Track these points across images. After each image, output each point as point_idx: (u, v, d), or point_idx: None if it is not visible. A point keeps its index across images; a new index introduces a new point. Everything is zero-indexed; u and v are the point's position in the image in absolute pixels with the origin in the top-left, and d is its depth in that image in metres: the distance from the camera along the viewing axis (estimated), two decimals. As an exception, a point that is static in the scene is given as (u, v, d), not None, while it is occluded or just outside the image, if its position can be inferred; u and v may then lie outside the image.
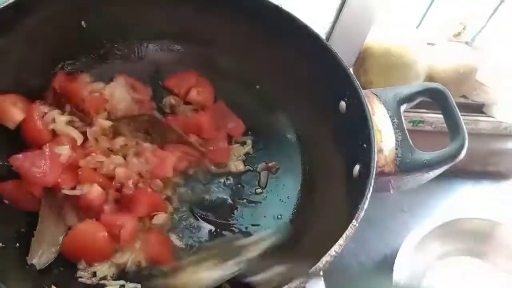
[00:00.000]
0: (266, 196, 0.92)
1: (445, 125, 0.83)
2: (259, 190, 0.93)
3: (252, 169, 0.96)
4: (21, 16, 0.78)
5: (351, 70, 1.28)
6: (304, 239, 0.81)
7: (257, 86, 1.01)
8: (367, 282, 1.17)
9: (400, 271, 1.05)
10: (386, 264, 1.11)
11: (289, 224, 0.88)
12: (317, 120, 0.92)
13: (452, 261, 1.20)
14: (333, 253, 0.61)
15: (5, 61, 0.80)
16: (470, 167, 1.49)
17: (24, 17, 0.78)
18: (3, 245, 0.72)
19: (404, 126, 0.81)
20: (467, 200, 1.43)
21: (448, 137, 0.81)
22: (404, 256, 1.08)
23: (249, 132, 1.00)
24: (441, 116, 0.84)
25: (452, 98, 0.81)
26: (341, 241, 0.62)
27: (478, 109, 1.46)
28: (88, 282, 0.76)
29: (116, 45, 0.96)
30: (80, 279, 0.76)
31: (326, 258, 0.60)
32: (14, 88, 0.82)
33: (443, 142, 0.83)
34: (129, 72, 0.96)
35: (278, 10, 0.88)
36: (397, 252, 1.09)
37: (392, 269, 1.05)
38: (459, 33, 1.39)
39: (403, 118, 0.82)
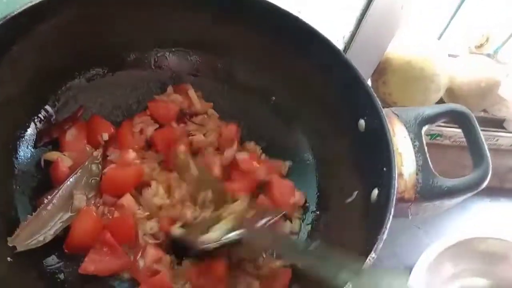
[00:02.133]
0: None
1: (463, 139, 0.80)
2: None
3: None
4: (35, 22, 0.76)
5: (369, 81, 1.26)
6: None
7: (273, 98, 0.99)
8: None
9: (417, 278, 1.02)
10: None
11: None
12: (334, 138, 0.89)
13: (466, 283, 1.17)
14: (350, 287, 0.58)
15: (17, 68, 0.78)
16: (487, 184, 1.45)
17: (38, 24, 0.76)
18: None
19: (426, 149, 0.78)
20: (483, 217, 1.40)
21: (467, 152, 0.78)
22: (418, 275, 1.05)
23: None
24: (459, 130, 0.81)
25: (476, 123, 0.78)
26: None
27: (499, 124, 1.42)
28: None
29: (131, 54, 0.94)
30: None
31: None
32: (24, 96, 0.81)
33: (461, 156, 0.80)
34: (145, 81, 0.95)
35: (297, 21, 0.85)
36: (410, 270, 1.05)
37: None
38: (482, 45, 1.35)
39: (424, 141, 0.79)
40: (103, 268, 0.77)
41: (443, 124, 1.34)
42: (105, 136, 0.89)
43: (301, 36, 0.86)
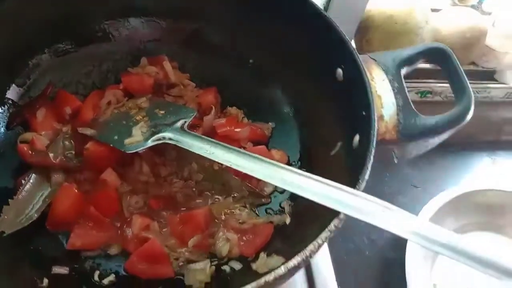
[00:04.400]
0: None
1: None
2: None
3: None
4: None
5: (352, 41, 1.24)
6: (304, 218, 0.77)
7: (251, 61, 0.97)
8: (379, 261, 1.13)
9: (413, 249, 1.00)
10: (399, 241, 1.07)
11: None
12: (313, 90, 0.87)
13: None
14: (333, 227, 0.57)
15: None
16: (483, 137, 1.43)
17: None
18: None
19: (406, 90, 0.76)
20: (481, 171, 1.37)
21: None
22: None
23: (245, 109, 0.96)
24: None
25: (455, 57, 0.76)
26: (341, 215, 0.57)
27: (489, 76, 1.39)
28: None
29: (99, 25, 0.93)
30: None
31: (325, 234, 0.56)
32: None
33: None
34: (116, 53, 0.93)
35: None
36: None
37: (405, 247, 1.00)
38: (465, -4, 1.32)
39: (404, 82, 0.77)
40: (90, 242, 0.76)
41: (432, 80, 1.32)
42: (68, 110, 0.87)
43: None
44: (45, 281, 0.70)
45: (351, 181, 0.65)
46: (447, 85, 1.17)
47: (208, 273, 0.75)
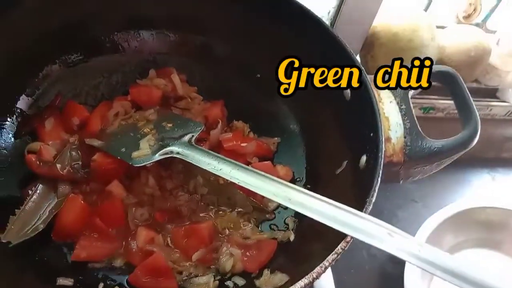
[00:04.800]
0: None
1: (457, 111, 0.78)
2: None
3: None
4: (6, 7, 0.75)
5: (358, 57, 1.25)
6: (308, 235, 0.78)
7: (258, 75, 0.97)
8: (378, 276, 1.14)
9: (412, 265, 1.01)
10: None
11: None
12: (320, 108, 0.88)
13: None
14: (340, 250, 0.57)
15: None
16: (484, 154, 1.45)
17: (10, 8, 0.75)
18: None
19: (413, 112, 0.76)
20: (481, 188, 1.39)
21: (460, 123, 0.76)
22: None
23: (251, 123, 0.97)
24: (452, 102, 0.79)
25: (463, 82, 0.77)
26: (348, 238, 0.58)
27: (492, 93, 1.41)
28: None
29: (108, 37, 0.93)
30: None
31: (332, 257, 0.57)
32: (1, 85, 0.80)
33: (456, 129, 0.78)
34: (124, 65, 0.94)
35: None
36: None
37: (405, 262, 1.01)
38: (470, 15, 1.33)
39: (411, 104, 0.77)
40: (95, 254, 0.77)
41: (435, 97, 1.33)
42: (76, 120, 0.87)
43: (280, 6, 0.84)
44: (50, 292, 0.70)
45: (358, 202, 0.65)
46: (450, 102, 1.19)
47: (212, 287, 0.76)
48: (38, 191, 0.78)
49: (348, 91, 0.79)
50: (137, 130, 0.87)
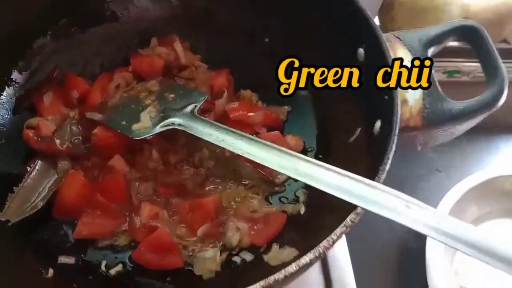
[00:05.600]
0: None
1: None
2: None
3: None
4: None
5: (376, 18, 1.17)
6: (319, 208, 0.73)
7: (266, 40, 0.92)
8: (399, 249, 1.09)
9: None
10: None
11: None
12: (331, 72, 0.81)
13: (492, 224, 1.10)
14: (349, 222, 0.52)
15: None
16: (510, 120, 1.36)
17: None
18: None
19: (433, 71, 0.69)
20: (508, 156, 1.31)
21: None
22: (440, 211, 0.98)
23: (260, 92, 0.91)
24: (479, 64, 0.72)
25: (489, 37, 0.69)
26: (358, 209, 0.53)
27: (521, 55, 1.31)
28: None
29: (105, 5, 0.89)
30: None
31: (340, 230, 0.52)
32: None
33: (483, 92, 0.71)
34: (124, 34, 0.90)
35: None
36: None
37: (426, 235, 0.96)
38: (498, -32, 1.23)
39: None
40: (98, 231, 0.74)
41: (460, 59, 1.25)
42: (76, 94, 0.84)
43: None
44: (50, 271, 0.69)
45: (371, 171, 0.60)
46: (476, 64, 1.10)
47: (218, 261, 0.73)
48: (37, 168, 0.75)
49: (362, 51, 0.73)
50: (139, 102, 0.83)
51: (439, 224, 0.50)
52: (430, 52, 0.73)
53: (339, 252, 0.92)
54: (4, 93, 0.81)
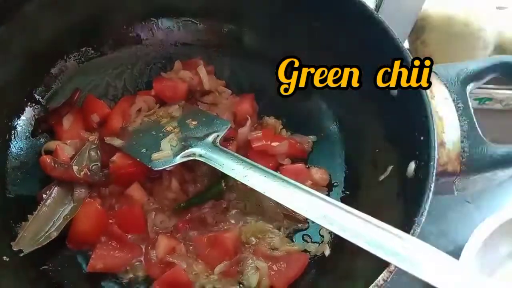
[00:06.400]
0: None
1: None
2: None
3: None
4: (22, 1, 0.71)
5: (406, 42, 1.13)
6: (347, 250, 0.69)
7: (292, 66, 0.88)
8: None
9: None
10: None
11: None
12: (362, 105, 0.78)
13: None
14: (381, 282, 0.49)
15: (7, 53, 0.73)
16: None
17: (26, 3, 0.71)
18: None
19: (472, 112, 0.65)
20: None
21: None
22: (469, 254, 0.93)
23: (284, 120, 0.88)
24: (512, 92, 0.68)
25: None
26: (391, 267, 0.49)
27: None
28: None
29: (130, 27, 0.87)
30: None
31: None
32: (17, 81, 0.76)
33: None
34: (146, 56, 0.88)
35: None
36: (461, 250, 0.94)
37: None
38: (534, -7, 1.18)
39: (469, 101, 0.66)
40: (112, 264, 0.72)
41: (492, 86, 1.20)
42: (96, 117, 0.82)
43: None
44: (63, 306, 0.66)
45: (403, 219, 0.56)
46: (509, 91, 1.05)
47: None
48: (53, 195, 0.73)
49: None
50: (160, 128, 0.81)
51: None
52: (469, 88, 0.68)
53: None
54: (24, 115, 0.79)
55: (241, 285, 0.71)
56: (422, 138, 0.61)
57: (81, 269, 0.71)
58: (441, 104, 0.66)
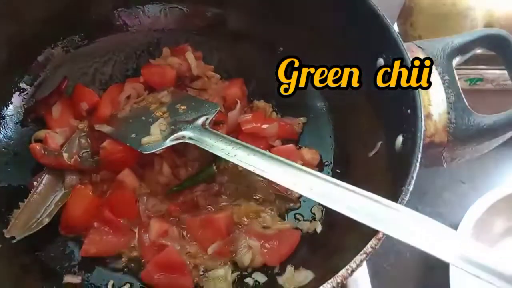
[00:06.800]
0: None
1: (509, 82, 0.69)
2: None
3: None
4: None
5: (395, 25, 1.13)
6: (337, 226, 0.69)
7: (280, 48, 0.89)
8: (421, 264, 1.04)
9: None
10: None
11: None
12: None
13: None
14: (370, 249, 0.49)
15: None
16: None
17: None
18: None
19: (458, 84, 0.66)
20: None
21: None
22: (465, 232, 0.94)
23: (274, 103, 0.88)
24: (503, 72, 0.69)
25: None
26: (379, 234, 0.49)
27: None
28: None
29: (115, 14, 0.87)
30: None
31: (360, 257, 0.49)
32: (3, 70, 0.76)
33: (507, 102, 0.69)
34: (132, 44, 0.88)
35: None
36: (455, 229, 0.95)
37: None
38: (523, -29, 1.18)
39: (455, 74, 0.67)
40: (105, 248, 0.72)
41: (483, 66, 1.20)
42: (85, 105, 0.82)
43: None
44: (56, 291, 0.66)
45: (392, 190, 0.56)
46: (500, 71, 1.05)
47: (229, 280, 0.70)
48: (43, 182, 0.74)
49: (382, 61, 0.70)
50: (149, 114, 0.81)
51: (468, 254, 0.46)
52: (455, 62, 0.69)
53: (358, 274, 0.87)
54: (12, 105, 0.80)
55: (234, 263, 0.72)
56: (408, 111, 0.61)
57: (74, 254, 0.71)
58: (427, 77, 0.66)
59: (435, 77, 0.66)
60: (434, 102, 0.64)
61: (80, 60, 0.86)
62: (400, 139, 0.63)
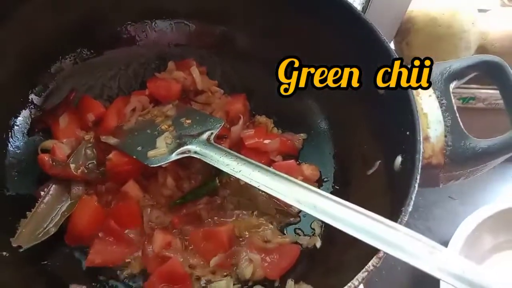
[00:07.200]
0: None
1: (500, 101, 0.70)
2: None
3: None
4: (18, 2, 0.72)
5: (392, 44, 1.16)
6: (337, 242, 0.71)
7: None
8: (412, 277, 1.07)
9: None
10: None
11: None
12: (350, 103, 0.81)
13: (507, 255, 1.08)
14: (371, 267, 0.51)
15: (4, 53, 0.74)
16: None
17: (22, 3, 0.72)
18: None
19: (455, 108, 0.68)
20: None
21: (504, 115, 0.69)
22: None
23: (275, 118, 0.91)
24: (495, 91, 0.72)
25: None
26: (380, 253, 0.52)
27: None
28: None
29: (124, 28, 0.89)
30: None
31: (361, 275, 0.51)
32: (14, 81, 0.77)
33: (499, 121, 0.71)
34: (140, 57, 0.90)
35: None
36: (446, 245, 0.98)
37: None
38: (515, -4, 1.23)
39: (452, 98, 0.69)
40: (110, 259, 0.73)
41: (475, 86, 1.23)
42: (91, 117, 0.84)
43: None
44: (62, 300, 0.67)
45: (391, 210, 0.59)
46: (492, 91, 1.08)
47: None
48: (50, 192, 0.75)
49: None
50: (155, 127, 0.82)
51: (465, 274, 0.48)
52: (452, 86, 0.72)
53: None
54: (20, 115, 0.81)
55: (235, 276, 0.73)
56: (408, 133, 0.63)
57: (79, 264, 0.73)
58: (426, 101, 0.69)
59: (433, 101, 0.69)
60: (432, 125, 0.67)
61: (87, 73, 0.87)
62: (399, 159, 0.65)
